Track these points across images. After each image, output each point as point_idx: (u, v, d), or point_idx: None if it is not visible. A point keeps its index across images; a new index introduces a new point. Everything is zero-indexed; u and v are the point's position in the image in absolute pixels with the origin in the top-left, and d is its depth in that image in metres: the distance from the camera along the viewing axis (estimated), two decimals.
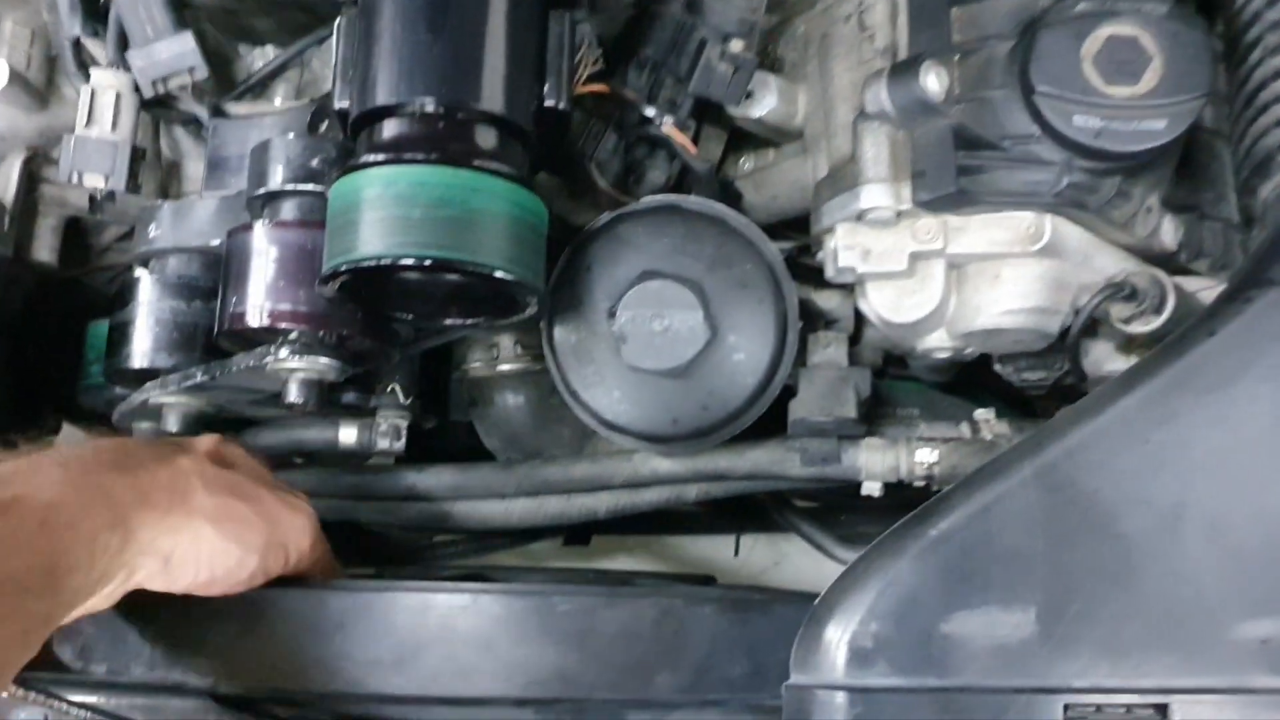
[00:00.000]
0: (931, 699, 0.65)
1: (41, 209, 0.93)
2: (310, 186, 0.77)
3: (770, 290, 0.75)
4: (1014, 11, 0.76)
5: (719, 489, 0.87)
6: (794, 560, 1.47)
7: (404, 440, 0.90)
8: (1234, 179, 0.82)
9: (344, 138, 0.76)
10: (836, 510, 1.15)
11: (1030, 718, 0.65)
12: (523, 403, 0.91)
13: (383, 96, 0.70)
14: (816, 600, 0.69)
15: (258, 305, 0.75)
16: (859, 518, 1.16)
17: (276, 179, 0.77)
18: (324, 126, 0.82)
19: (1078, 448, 0.68)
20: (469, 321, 0.75)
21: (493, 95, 0.69)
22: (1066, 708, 0.64)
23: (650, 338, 0.73)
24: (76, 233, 0.97)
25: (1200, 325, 0.68)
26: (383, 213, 0.66)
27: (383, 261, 0.66)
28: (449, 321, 0.76)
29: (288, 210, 0.77)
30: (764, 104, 0.84)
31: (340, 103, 0.73)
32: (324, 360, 0.76)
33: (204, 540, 0.69)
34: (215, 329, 0.78)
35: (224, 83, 0.93)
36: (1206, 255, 0.81)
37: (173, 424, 0.87)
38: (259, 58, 0.95)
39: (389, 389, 0.89)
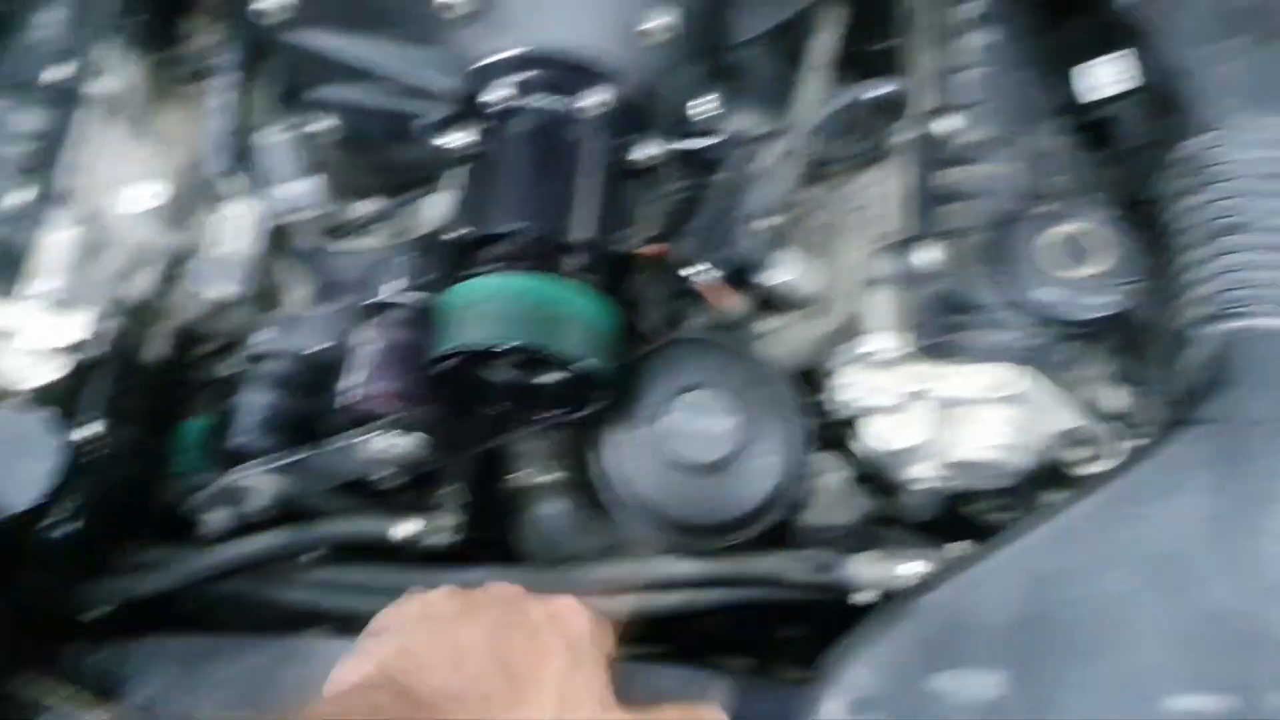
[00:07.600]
0: None
1: (163, 314, 1.08)
2: (417, 296, 0.93)
3: (794, 410, 0.91)
4: (986, 212, 0.97)
5: (731, 596, 1.00)
6: None
7: (453, 539, 1.02)
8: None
9: (448, 263, 0.93)
10: None
11: None
12: (560, 512, 1.05)
13: (497, 225, 0.87)
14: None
15: (364, 386, 0.90)
16: None
17: (388, 289, 0.94)
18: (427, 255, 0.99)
19: (1044, 539, 0.83)
20: (545, 415, 0.90)
21: (585, 229, 0.87)
22: None
23: (693, 435, 0.89)
24: (182, 341, 1.11)
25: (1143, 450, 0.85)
26: (495, 307, 0.82)
27: (492, 346, 0.81)
28: (526, 416, 0.90)
29: (397, 315, 0.93)
30: (785, 272, 1.03)
31: (454, 232, 0.91)
32: (413, 440, 0.90)
33: None
34: (333, 410, 0.92)
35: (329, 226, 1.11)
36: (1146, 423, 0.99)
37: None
38: (361, 207, 1.14)
39: (445, 491, 1.03)
